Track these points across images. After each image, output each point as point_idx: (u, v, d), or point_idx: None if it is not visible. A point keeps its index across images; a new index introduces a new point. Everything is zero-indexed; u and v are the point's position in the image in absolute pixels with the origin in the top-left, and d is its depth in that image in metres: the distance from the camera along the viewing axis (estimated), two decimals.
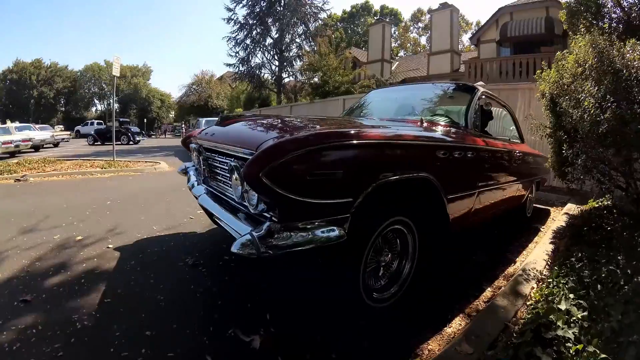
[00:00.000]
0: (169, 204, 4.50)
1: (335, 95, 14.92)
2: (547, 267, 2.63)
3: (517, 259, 3.00)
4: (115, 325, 1.84)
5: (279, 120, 2.34)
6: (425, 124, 2.55)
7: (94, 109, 48.44)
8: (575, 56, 3.11)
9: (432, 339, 1.81)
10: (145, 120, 43.69)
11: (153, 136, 36.91)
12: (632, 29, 3.81)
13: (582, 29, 4.07)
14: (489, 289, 2.38)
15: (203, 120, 16.53)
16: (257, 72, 22.72)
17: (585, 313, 1.77)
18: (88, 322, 1.86)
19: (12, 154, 12.07)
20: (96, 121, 31.98)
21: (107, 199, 4.73)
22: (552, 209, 4.99)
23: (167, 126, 41.04)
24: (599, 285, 2.05)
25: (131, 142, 19.72)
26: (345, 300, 1.95)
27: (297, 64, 22.02)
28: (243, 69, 22.59)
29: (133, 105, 44.04)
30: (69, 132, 23.51)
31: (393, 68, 22.73)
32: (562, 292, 1.98)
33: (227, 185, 2.09)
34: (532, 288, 2.27)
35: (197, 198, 2.36)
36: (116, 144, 10.15)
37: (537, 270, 2.51)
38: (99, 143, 18.81)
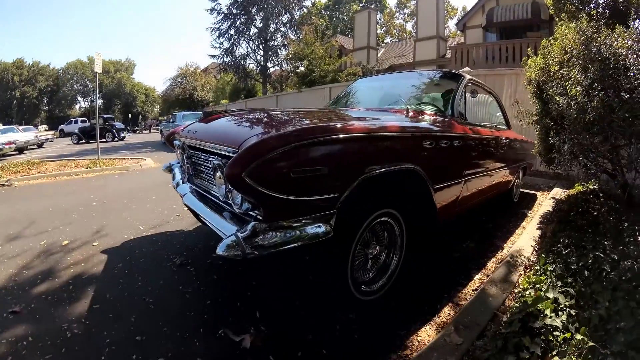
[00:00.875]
0: (155, 202, 4.45)
1: (322, 84, 14.84)
2: (534, 253, 2.67)
3: (505, 245, 3.05)
4: (105, 332, 1.82)
5: (264, 115, 2.32)
6: (411, 113, 2.55)
7: (77, 106, 47.57)
8: (561, 43, 3.12)
9: (421, 329, 1.84)
10: (130, 115, 42.94)
11: (138, 131, 36.36)
12: (619, 14, 3.84)
13: (567, 16, 4.09)
14: (477, 276, 2.41)
15: (180, 115, 15.97)
16: (242, 62, 22.45)
17: (573, 301, 1.80)
18: (78, 330, 1.84)
19: None
20: (80, 119, 31.24)
21: (92, 199, 4.65)
22: (538, 194, 5.06)
23: (151, 121, 40.46)
24: (586, 272, 2.08)
25: (116, 139, 19.40)
26: (335, 294, 1.97)
27: (283, 52, 21.83)
28: (227, 59, 22.30)
29: (117, 100, 43.21)
30: (52, 132, 23.02)
31: (379, 55, 22.59)
32: (549, 280, 2.02)
33: (212, 184, 2.06)
34: (520, 275, 2.30)
35: (182, 197, 2.34)
36: (101, 142, 9.98)
37: (524, 257, 2.55)
38: (83, 141, 18.43)
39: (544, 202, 4.31)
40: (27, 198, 5.09)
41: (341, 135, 1.60)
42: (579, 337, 1.49)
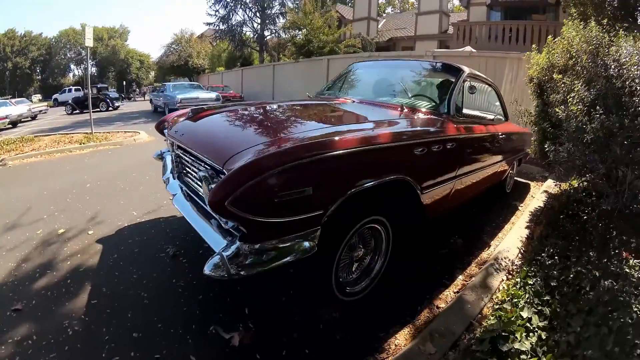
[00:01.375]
0: (148, 185, 4.46)
1: (320, 55, 14.56)
2: (519, 255, 2.70)
3: (492, 242, 3.07)
4: (104, 329, 1.92)
5: (253, 116, 2.32)
6: (405, 111, 2.56)
7: (70, 74, 46.43)
8: (568, 44, 3.01)
9: (400, 332, 1.93)
10: (124, 82, 42.10)
11: (132, 99, 35.78)
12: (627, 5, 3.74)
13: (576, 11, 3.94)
14: (460, 277, 2.48)
15: (170, 85, 15.23)
16: (238, 30, 21.84)
17: (546, 322, 1.83)
18: (78, 327, 1.94)
19: None
20: (74, 88, 30.60)
21: (86, 181, 4.67)
22: (532, 184, 4.99)
23: (145, 88, 39.73)
24: (565, 288, 2.10)
25: (110, 109, 19.06)
26: (319, 295, 2.04)
27: (280, 21, 21.19)
28: (223, 27, 21.66)
29: (111, 67, 42.33)
30: (46, 103, 22.57)
31: (379, 26, 22.00)
32: (527, 295, 2.05)
33: (199, 187, 2.07)
34: (501, 281, 2.35)
35: (172, 197, 2.37)
36: (95, 111, 9.83)
37: (508, 260, 2.58)
38: (77, 112, 18.12)
39: (537, 196, 4.29)
40: (22, 180, 5.08)
41: (327, 154, 1.56)
42: None
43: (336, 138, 1.69)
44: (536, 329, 1.77)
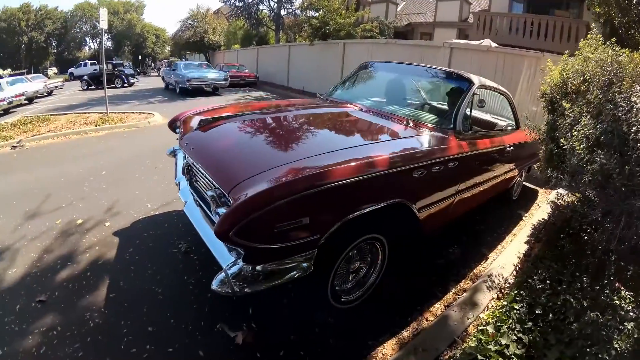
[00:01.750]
0: (162, 173, 4.61)
1: (336, 38, 14.39)
2: (513, 273, 2.73)
3: (490, 254, 3.10)
4: (122, 322, 2.12)
5: (259, 131, 2.40)
6: (410, 125, 2.59)
7: (86, 47, 46.63)
8: (583, 63, 2.92)
9: (388, 342, 2.07)
10: (140, 56, 42.30)
11: (147, 74, 35.94)
12: None
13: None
14: (452, 290, 2.58)
15: (181, 64, 15.51)
16: (255, 8, 21.61)
17: (524, 350, 1.90)
18: (99, 319, 2.14)
19: (6, 111, 11.89)
20: (89, 62, 30.88)
21: (102, 167, 4.86)
22: (540, 190, 4.87)
23: (161, 62, 39.77)
24: (550, 315, 2.14)
25: (125, 85, 19.24)
26: (316, 301, 2.20)
27: (297, 0, 20.89)
28: (240, 4, 21.47)
29: (127, 41, 42.33)
30: (62, 78, 22.83)
31: (399, 9, 21.48)
32: (510, 321, 2.11)
33: (208, 199, 2.16)
34: (492, 298, 2.42)
35: (184, 204, 2.48)
36: (110, 87, 9.99)
37: (502, 277, 2.63)
38: (92, 87, 18.33)
39: (543, 206, 4.21)
40: (39, 163, 5.27)
41: (324, 187, 1.65)
42: None
43: (333, 169, 1.74)
44: (512, 357, 1.85)
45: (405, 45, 11.17)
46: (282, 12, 21.51)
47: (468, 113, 2.80)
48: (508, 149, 3.35)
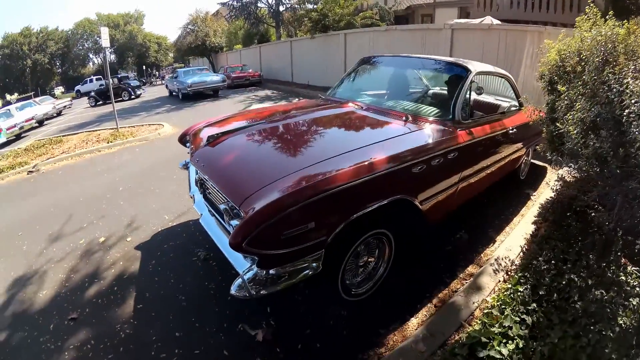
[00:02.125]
0: (176, 184, 4.78)
1: (336, 29, 14.37)
2: (520, 255, 2.77)
3: (498, 237, 3.12)
4: (151, 330, 2.29)
5: (263, 141, 2.52)
6: (409, 119, 2.65)
7: (90, 63, 47.46)
8: (580, 43, 2.84)
9: (398, 329, 2.19)
10: (144, 66, 42.90)
11: (153, 83, 36.52)
12: None
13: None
14: (460, 275, 2.66)
15: (181, 71, 16.60)
16: (253, 7, 21.69)
17: (527, 330, 1.96)
18: (129, 329, 2.32)
19: (18, 136, 12.35)
20: (95, 77, 31.63)
21: (118, 183, 5.07)
22: (549, 168, 4.70)
23: (165, 70, 40.29)
24: (555, 295, 2.17)
25: (132, 97, 19.63)
26: (328, 296, 2.33)
27: None
28: (238, 5, 21.56)
29: (130, 53, 42.89)
30: (70, 97, 23.41)
31: None
32: (514, 303, 2.16)
33: (221, 211, 2.29)
34: (499, 281, 2.48)
35: (200, 215, 2.64)
36: (117, 101, 10.24)
37: (509, 260, 2.67)
38: (100, 103, 18.82)
39: (551, 182, 4.07)
40: (56, 186, 5.48)
41: (326, 193, 1.78)
42: None
43: (332, 175, 1.86)
44: (515, 337, 1.93)
45: (406, 31, 11.07)
46: (281, 8, 21.50)
47: (467, 101, 2.84)
48: (511, 131, 3.35)
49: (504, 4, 12.71)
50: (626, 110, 2.05)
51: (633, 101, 2.04)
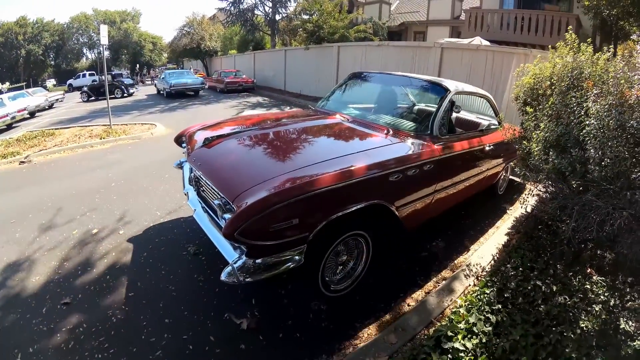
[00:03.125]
0: (168, 183, 4.89)
1: (331, 41, 14.72)
2: (491, 263, 2.97)
3: (472, 246, 3.32)
4: (142, 316, 2.42)
5: (256, 145, 2.70)
6: (390, 133, 2.86)
7: (84, 58, 47.01)
8: (551, 69, 3.10)
9: (373, 324, 2.37)
10: (137, 65, 42.76)
11: (146, 82, 36.36)
12: None
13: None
14: (434, 279, 2.85)
15: (167, 73, 18.87)
16: (250, 14, 21.99)
17: (490, 328, 2.14)
18: (121, 315, 2.44)
19: (9, 126, 12.21)
20: (88, 73, 31.45)
21: (110, 179, 5.15)
22: (528, 184, 4.71)
23: (158, 70, 40.20)
24: (520, 299, 2.36)
25: (125, 95, 19.59)
26: (309, 291, 2.52)
27: (292, 4, 21.22)
28: (235, 11, 21.84)
29: (124, 50, 42.67)
30: (62, 91, 23.13)
31: (392, 9, 21.78)
32: (480, 303, 2.36)
33: (214, 205, 2.46)
34: (469, 285, 2.67)
35: (193, 211, 2.78)
36: (110, 98, 10.20)
37: (480, 267, 2.88)
38: (93, 99, 18.72)
39: (528, 199, 4.15)
40: (49, 178, 5.50)
41: (309, 193, 1.98)
42: None
43: (316, 178, 2.06)
44: (480, 333, 2.11)
45: (397, 47, 11.44)
46: (277, 17, 21.85)
47: (445, 118, 3.03)
48: (488, 148, 3.58)
49: (495, 26, 13.27)
50: (584, 130, 2.31)
51: (591, 121, 2.30)
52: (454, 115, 3.22)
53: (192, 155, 2.78)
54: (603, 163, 2.23)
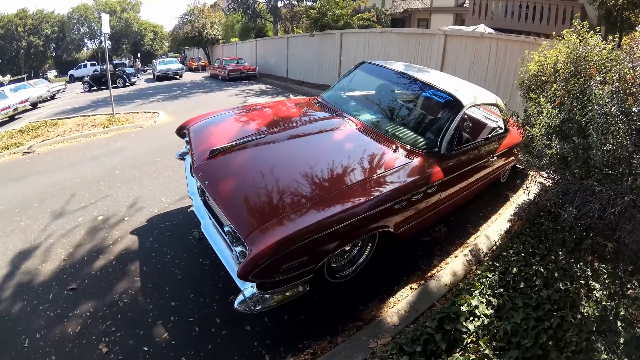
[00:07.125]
0: (172, 170, 4.90)
1: (334, 28, 14.56)
2: (493, 248, 3.00)
3: (474, 232, 3.34)
4: (148, 300, 2.48)
5: (264, 162, 2.57)
6: (399, 149, 2.70)
7: (84, 49, 46.74)
8: (556, 56, 3.06)
9: (376, 307, 2.42)
10: (139, 54, 42.48)
11: (145, 72, 36.22)
12: None
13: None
14: (437, 263, 2.88)
15: (158, 61, 23.01)
16: (251, 1, 21.83)
17: (492, 311, 2.17)
18: (127, 299, 2.50)
19: (12, 117, 12.23)
20: (89, 63, 31.31)
21: (115, 167, 5.16)
22: (531, 173, 4.72)
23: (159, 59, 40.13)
24: (522, 283, 2.39)
25: (127, 84, 19.53)
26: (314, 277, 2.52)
27: None
28: None
29: (125, 40, 42.45)
30: (64, 82, 23.07)
31: None
32: (482, 287, 2.38)
33: (221, 218, 2.43)
34: (471, 270, 2.70)
35: (200, 221, 2.68)
36: (112, 88, 10.21)
37: (482, 252, 2.90)
38: (95, 88, 18.67)
39: (531, 186, 4.15)
40: (53, 168, 5.50)
41: (324, 233, 2.03)
42: (481, 343, 1.94)
43: (329, 219, 2.07)
44: (481, 316, 2.15)
45: (400, 34, 11.29)
46: (279, 4, 21.65)
47: (455, 135, 2.87)
48: (493, 156, 3.47)
49: (499, 14, 13.07)
50: (587, 115, 2.32)
51: (594, 107, 2.30)
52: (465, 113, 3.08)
53: (198, 168, 2.55)
54: (605, 148, 2.24)
